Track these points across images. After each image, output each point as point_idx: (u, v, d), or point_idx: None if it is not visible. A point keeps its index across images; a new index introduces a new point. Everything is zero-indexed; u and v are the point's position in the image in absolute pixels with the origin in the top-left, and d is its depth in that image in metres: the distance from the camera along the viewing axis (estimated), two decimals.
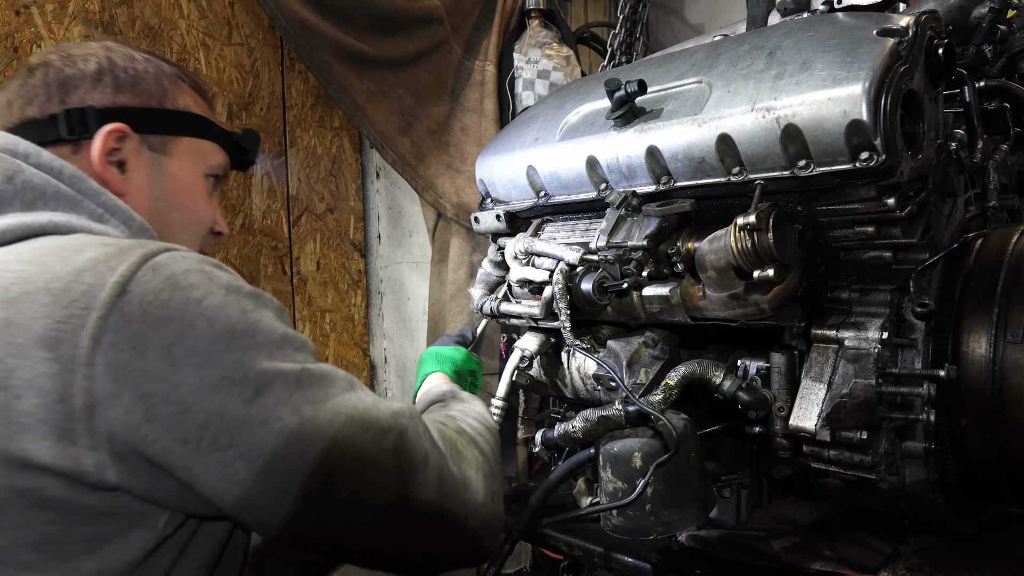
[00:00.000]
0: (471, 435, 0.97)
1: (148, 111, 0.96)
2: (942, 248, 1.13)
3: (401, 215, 2.79)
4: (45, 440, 0.67)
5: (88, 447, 0.67)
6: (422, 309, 2.72)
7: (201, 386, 0.69)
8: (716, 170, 1.15)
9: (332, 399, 0.77)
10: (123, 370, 0.67)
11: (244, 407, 0.70)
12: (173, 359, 0.69)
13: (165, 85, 0.99)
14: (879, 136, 0.98)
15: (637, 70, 1.40)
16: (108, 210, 0.86)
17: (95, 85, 0.93)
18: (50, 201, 0.83)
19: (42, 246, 0.76)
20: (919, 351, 1.10)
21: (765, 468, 1.34)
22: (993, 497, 1.18)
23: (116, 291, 0.69)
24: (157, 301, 0.70)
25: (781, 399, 1.17)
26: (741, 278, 1.08)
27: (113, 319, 0.68)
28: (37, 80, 0.92)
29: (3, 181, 0.81)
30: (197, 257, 0.77)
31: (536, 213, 1.49)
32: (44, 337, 0.67)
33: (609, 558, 1.32)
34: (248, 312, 0.75)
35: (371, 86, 2.34)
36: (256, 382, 0.72)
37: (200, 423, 0.69)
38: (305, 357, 0.79)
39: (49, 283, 0.70)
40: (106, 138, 0.91)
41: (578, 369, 1.42)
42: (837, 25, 1.13)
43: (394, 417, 0.83)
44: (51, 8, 1.87)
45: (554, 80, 2.41)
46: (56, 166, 0.85)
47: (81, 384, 0.67)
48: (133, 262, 0.71)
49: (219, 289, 0.74)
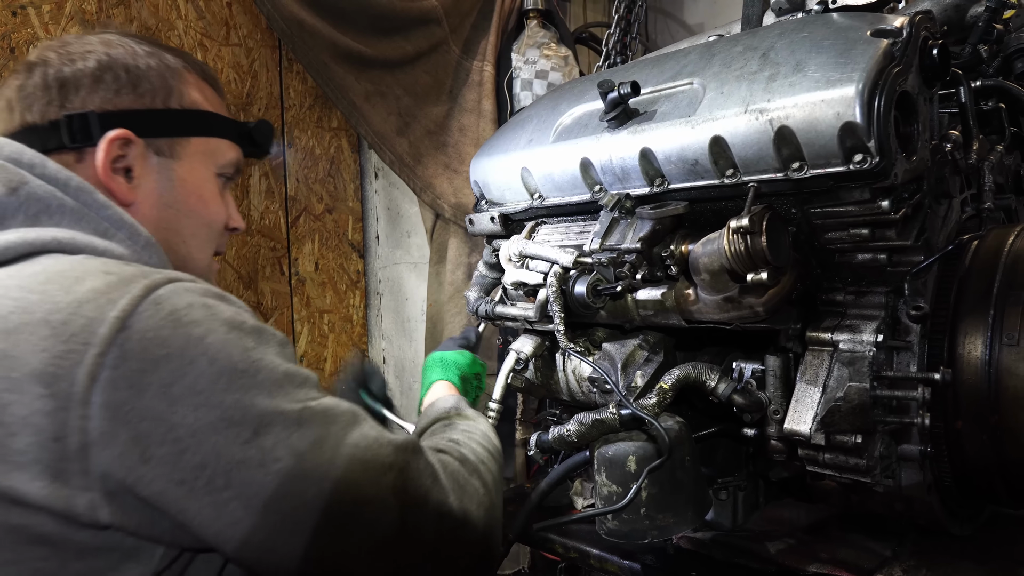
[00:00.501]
0: (474, 463, 0.95)
1: (153, 113, 0.92)
2: (937, 250, 1.13)
3: (399, 216, 2.79)
4: (38, 480, 0.65)
5: (81, 488, 0.66)
6: (420, 310, 2.72)
7: (199, 427, 0.68)
8: (709, 172, 1.15)
9: (333, 438, 0.76)
10: (120, 410, 0.66)
11: (242, 448, 0.69)
12: (172, 399, 0.67)
13: (170, 82, 0.94)
14: (873, 138, 0.98)
15: (631, 71, 1.39)
16: (113, 224, 0.83)
17: (95, 86, 0.89)
18: (54, 215, 0.80)
19: (44, 270, 0.73)
20: (914, 354, 1.09)
21: (761, 470, 1.33)
22: (989, 499, 1.18)
23: (116, 326, 0.67)
24: (158, 338, 0.68)
25: (776, 402, 1.16)
26: (735, 281, 1.07)
27: (112, 356, 0.66)
28: (36, 80, 0.88)
29: (7, 193, 0.78)
30: (200, 289, 0.75)
31: (530, 215, 1.49)
32: (41, 372, 0.65)
33: (604, 560, 1.32)
34: (250, 350, 0.73)
35: (369, 86, 2.34)
36: (255, 423, 0.70)
37: (197, 464, 0.68)
38: (307, 393, 0.77)
39: (49, 314, 0.68)
40: (109, 146, 0.87)
41: (573, 372, 1.42)
42: (831, 26, 1.13)
43: (396, 453, 0.81)
44: (48, 9, 1.87)
45: (552, 80, 2.41)
46: (62, 178, 0.82)
47: (76, 423, 0.65)
48: (135, 295, 0.69)
49: (221, 326, 0.72)
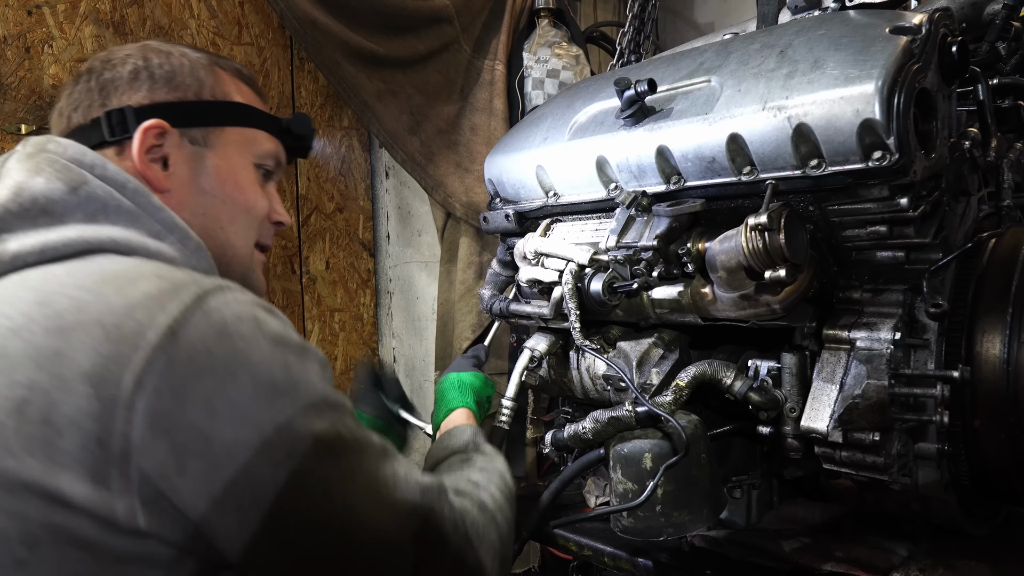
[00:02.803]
0: (492, 512, 0.96)
1: (186, 104, 0.96)
2: (955, 248, 1.12)
3: (410, 214, 2.79)
4: (82, 482, 0.65)
5: (121, 492, 0.66)
6: (431, 309, 2.72)
7: (235, 443, 0.68)
8: (727, 170, 1.15)
9: (362, 472, 0.77)
10: (162, 418, 0.66)
11: (273, 471, 0.69)
12: (212, 412, 0.67)
13: (201, 76, 0.98)
14: (892, 135, 0.97)
15: (647, 69, 1.39)
16: (166, 227, 0.86)
17: (132, 85, 0.93)
18: (111, 214, 0.82)
19: (99, 270, 0.74)
20: (932, 352, 1.09)
21: (776, 469, 1.33)
22: (1007, 498, 1.17)
23: (165, 333, 0.68)
24: (204, 350, 0.68)
25: (792, 400, 1.16)
26: (752, 278, 1.07)
27: (159, 363, 0.67)
28: (81, 87, 0.93)
29: (68, 192, 0.81)
30: (249, 300, 0.76)
31: (545, 213, 1.49)
32: (90, 373, 0.66)
33: (618, 558, 1.32)
34: (292, 368, 0.73)
35: (381, 85, 2.34)
36: (289, 445, 0.70)
37: (227, 480, 0.68)
38: (341, 419, 0.77)
39: (102, 315, 0.68)
40: (144, 135, 0.91)
41: (587, 369, 1.42)
42: (849, 23, 1.13)
43: (422, 495, 0.82)
44: (63, 8, 1.88)
45: (563, 79, 2.41)
46: (120, 180, 0.84)
47: (120, 428, 0.65)
48: (186, 303, 0.70)
49: (267, 342, 0.73)
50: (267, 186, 1.06)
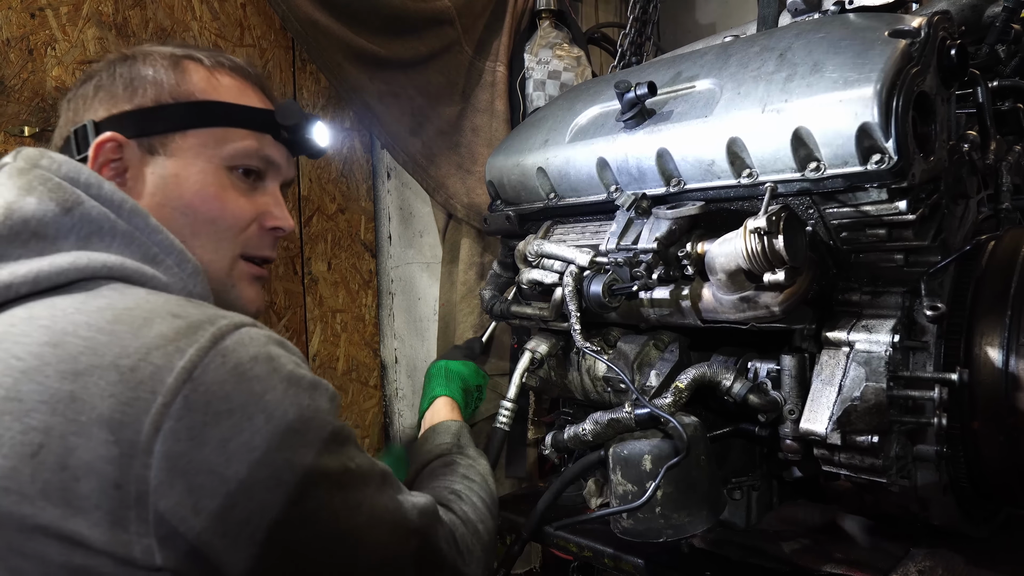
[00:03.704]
0: (475, 524, 1.01)
1: (140, 112, 0.92)
2: (954, 250, 1.12)
3: (412, 215, 2.79)
4: (100, 525, 0.65)
5: (139, 534, 0.66)
6: (433, 309, 2.72)
7: (250, 483, 0.69)
8: (726, 172, 1.15)
9: (368, 501, 0.79)
10: (179, 461, 0.66)
11: (286, 508, 0.71)
12: (228, 454, 0.68)
13: (161, 78, 0.93)
14: (890, 139, 0.98)
15: (647, 71, 1.40)
16: (163, 250, 0.84)
17: (95, 97, 0.91)
18: (105, 237, 0.80)
19: (110, 306, 0.73)
20: (931, 354, 1.09)
21: (775, 470, 1.33)
22: (1006, 500, 1.18)
23: (183, 376, 0.68)
24: (222, 392, 0.69)
25: (791, 402, 1.16)
26: (751, 281, 1.08)
27: (176, 407, 0.67)
28: (64, 104, 0.93)
29: (61, 213, 0.78)
30: (263, 337, 0.76)
31: (546, 215, 1.49)
32: (108, 419, 0.66)
33: (619, 559, 1.32)
34: (304, 408, 0.74)
35: (382, 87, 2.34)
36: (302, 483, 0.72)
37: (242, 519, 0.69)
38: (348, 453, 0.79)
39: (118, 358, 0.68)
40: (96, 150, 0.88)
41: (588, 371, 1.42)
42: (848, 26, 1.13)
43: (420, 517, 0.86)
44: (65, 11, 1.88)
45: (565, 81, 2.41)
46: (116, 200, 0.82)
47: (138, 472, 0.66)
48: (202, 345, 0.70)
49: (281, 382, 0.73)
50: (259, 189, 1.00)
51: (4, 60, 1.79)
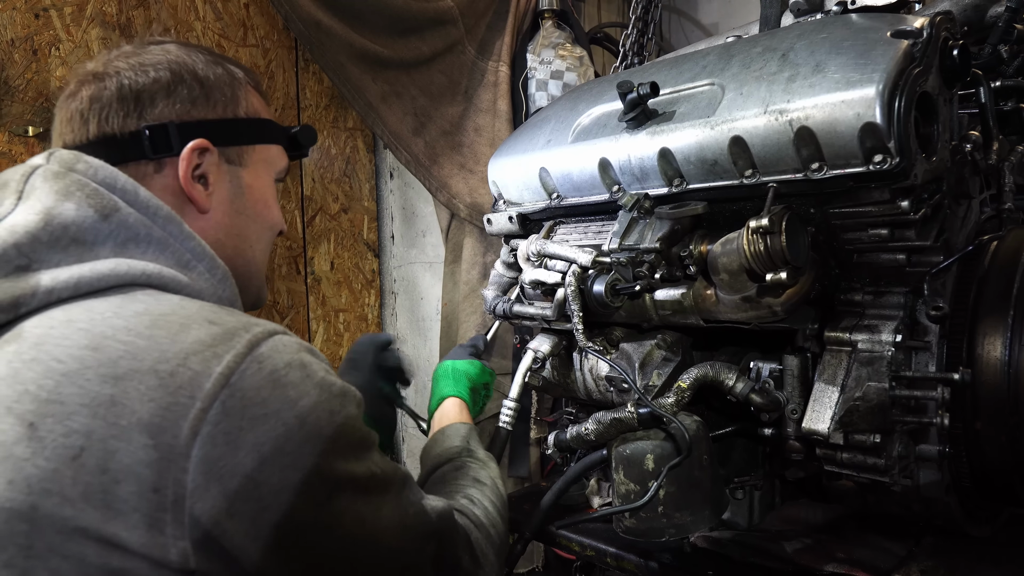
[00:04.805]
0: (487, 528, 1.03)
1: (224, 123, 0.95)
2: (957, 250, 1.12)
3: (415, 215, 2.80)
4: (138, 528, 0.66)
5: (174, 537, 0.67)
6: (435, 309, 2.73)
7: (281, 487, 0.70)
8: (729, 172, 1.15)
9: (389, 505, 0.82)
10: (215, 465, 0.68)
11: (315, 512, 0.73)
12: (262, 458, 0.70)
13: (236, 92, 0.97)
14: (893, 139, 0.98)
15: (649, 72, 1.40)
16: (195, 256, 0.85)
17: (171, 98, 0.91)
18: (141, 243, 0.81)
19: (147, 311, 0.74)
20: (933, 354, 1.09)
21: (778, 470, 1.33)
22: (1008, 500, 1.17)
23: (221, 382, 0.69)
24: (258, 398, 0.70)
25: (794, 401, 1.16)
26: (754, 281, 1.08)
27: (214, 412, 0.68)
28: (111, 92, 0.89)
29: (99, 219, 0.79)
30: (295, 345, 0.77)
31: (548, 215, 1.49)
32: (148, 423, 0.67)
33: (621, 558, 1.32)
34: (335, 414, 0.76)
35: (385, 87, 2.35)
36: (330, 488, 0.74)
37: (273, 523, 0.70)
38: (372, 458, 0.82)
39: (157, 363, 0.69)
40: (190, 155, 0.90)
41: (590, 371, 1.43)
42: (851, 26, 1.13)
43: (438, 520, 0.89)
44: (69, 11, 1.89)
45: (567, 81, 2.41)
46: (152, 206, 0.83)
47: (175, 475, 0.67)
48: (239, 352, 0.72)
49: (314, 389, 0.75)
50: None
51: (8, 60, 1.80)
